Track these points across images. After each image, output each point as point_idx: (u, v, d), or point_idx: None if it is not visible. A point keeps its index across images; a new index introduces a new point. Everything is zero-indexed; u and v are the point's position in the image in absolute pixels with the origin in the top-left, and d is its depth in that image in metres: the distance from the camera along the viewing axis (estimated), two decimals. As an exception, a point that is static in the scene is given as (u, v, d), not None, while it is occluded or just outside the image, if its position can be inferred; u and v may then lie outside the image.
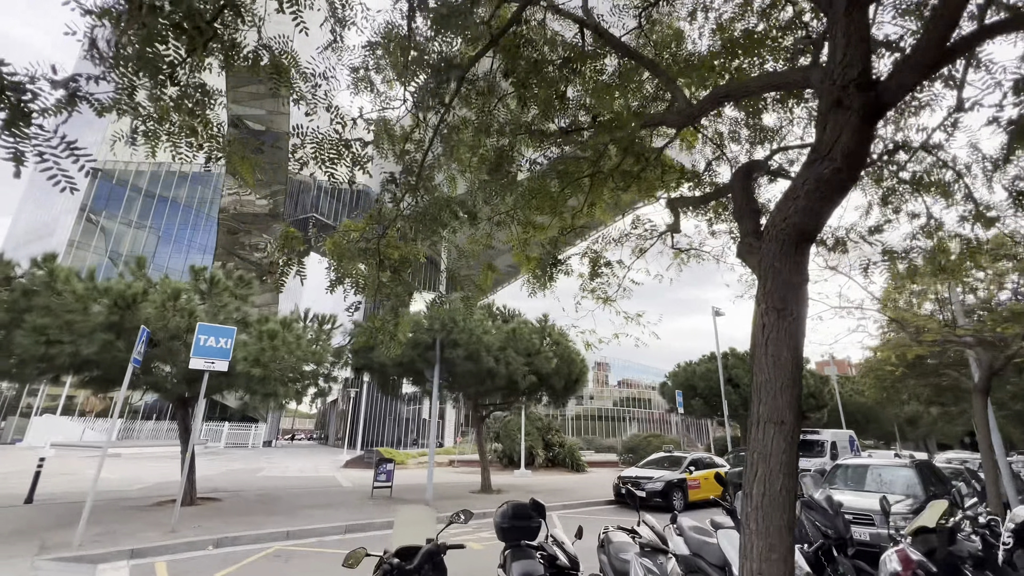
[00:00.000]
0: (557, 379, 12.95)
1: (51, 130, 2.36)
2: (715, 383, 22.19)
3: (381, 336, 4.97)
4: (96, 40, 2.76)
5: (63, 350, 7.94)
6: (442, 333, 11.64)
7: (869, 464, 9.53)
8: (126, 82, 2.78)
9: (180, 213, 52.22)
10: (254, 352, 9.29)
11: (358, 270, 4.38)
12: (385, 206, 4.58)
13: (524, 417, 21.78)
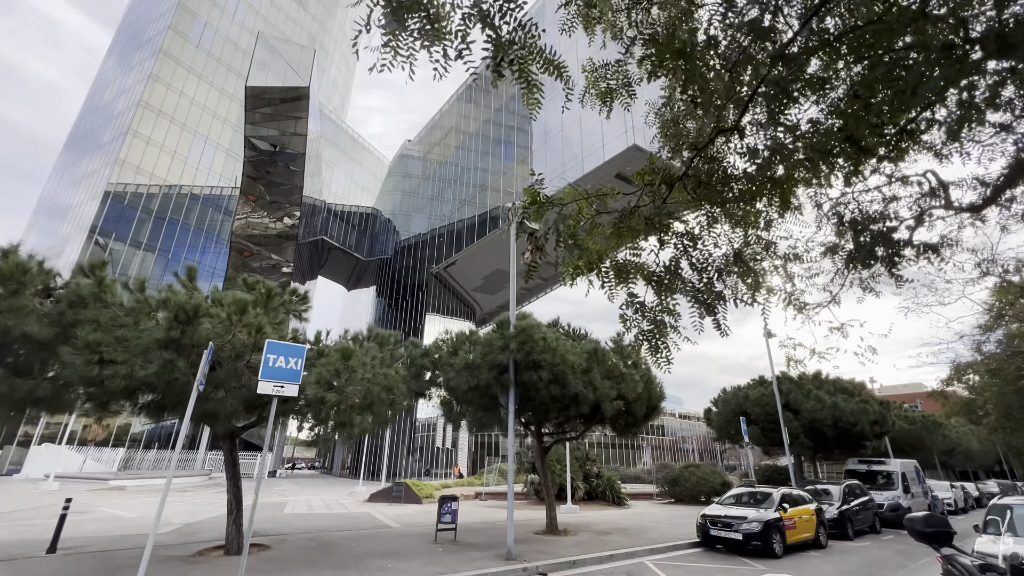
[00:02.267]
0: (640, 405, 11.69)
1: None
2: (771, 409, 20.84)
3: (655, 349, 3.68)
4: None
5: (117, 371, 6.73)
6: (519, 353, 10.43)
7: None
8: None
9: (190, 236, 51.28)
10: (327, 374, 8.07)
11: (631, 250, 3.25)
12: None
13: (567, 447, 20.33)
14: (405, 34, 2.20)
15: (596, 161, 31.68)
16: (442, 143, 58.69)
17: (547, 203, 3.10)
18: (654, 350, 3.19)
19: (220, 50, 54.13)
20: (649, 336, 3.14)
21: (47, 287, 7.97)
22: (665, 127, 3.48)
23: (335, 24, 74.15)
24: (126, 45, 58.15)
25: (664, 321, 3.18)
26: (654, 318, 3.12)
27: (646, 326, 3.17)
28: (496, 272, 49.95)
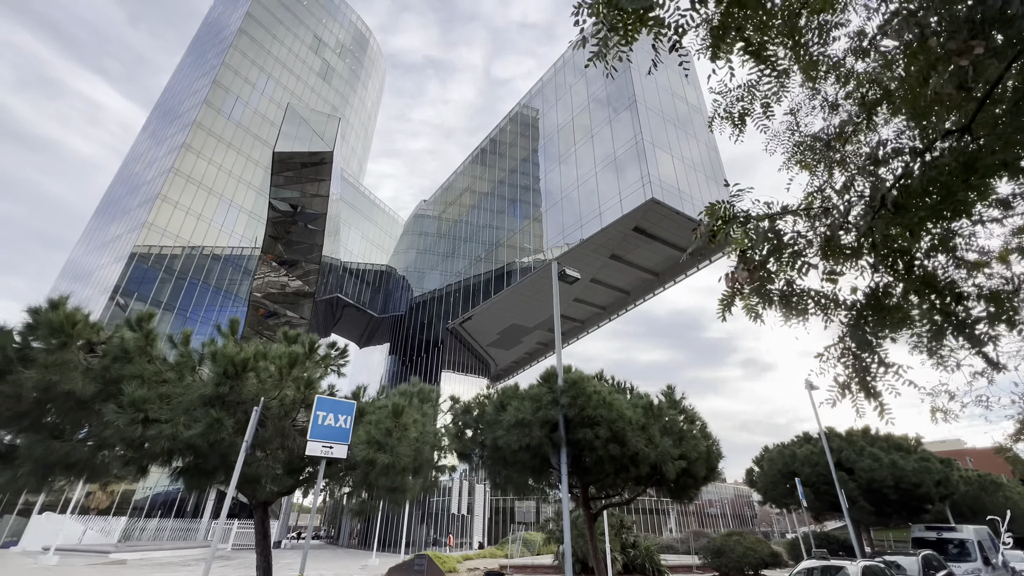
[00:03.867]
0: (700, 465, 10.76)
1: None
2: (822, 468, 19.38)
3: (871, 394, 3.09)
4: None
5: (161, 431, 6.23)
6: (571, 408, 9.77)
7: None
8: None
9: (209, 295, 51.87)
10: (377, 433, 7.46)
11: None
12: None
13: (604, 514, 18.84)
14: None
15: (614, 215, 32.06)
16: (456, 203, 60.37)
17: (740, 219, 2.77)
18: (871, 394, 2.69)
19: (249, 121, 57.46)
20: (858, 374, 2.66)
21: (90, 341, 7.65)
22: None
23: (355, 98, 79.10)
24: (160, 120, 62.06)
25: (880, 358, 2.71)
26: (872, 349, 2.65)
27: (851, 364, 2.69)
28: (512, 327, 49.43)
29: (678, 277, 39.32)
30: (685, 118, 37.80)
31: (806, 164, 3.71)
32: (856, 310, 2.73)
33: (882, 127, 3.56)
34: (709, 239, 2.86)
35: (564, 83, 45.72)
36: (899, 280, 2.62)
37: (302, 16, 70.55)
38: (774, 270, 2.83)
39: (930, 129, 2.56)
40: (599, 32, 2.42)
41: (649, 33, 2.40)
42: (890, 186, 2.34)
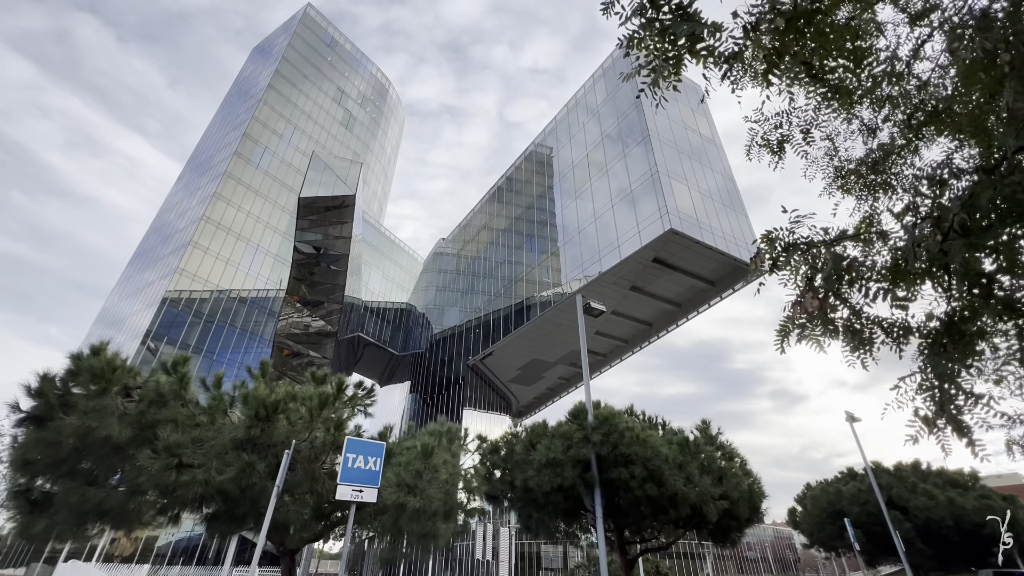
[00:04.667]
0: (743, 505, 10.16)
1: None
2: (872, 507, 18.11)
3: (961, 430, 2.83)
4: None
5: (195, 476, 6.18)
6: (603, 446, 9.42)
7: None
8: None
9: (235, 337, 52.95)
10: (407, 475, 7.27)
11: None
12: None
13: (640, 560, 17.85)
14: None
15: (633, 246, 32.02)
16: (474, 240, 61.28)
17: (801, 246, 2.68)
18: (961, 431, 2.46)
19: (276, 170, 60.23)
20: (943, 407, 2.45)
21: (127, 386, 7.78)
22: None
23: (376, 144, 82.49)
24: (193, 172, 65.55)
25: (966, 389, 2.49)
26: (955, 379, 2.45)
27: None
28: (532, 362, 48.85)
29: (701, 307, 38.63)
30: (699, 149, 38.16)
31: (848, 188, 3.63)
32: (932, 337, 2.57)
33: (926, 148, 3.49)
34: (771, 268, 2.77)
35: (577, 122, 46.93)
36: (976, 304, 2.46)
37: (326, 71, 74.87)
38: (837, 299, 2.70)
39: (997, 146, 2.48)
40: (651, 63, 2.45)
41: (699, 63, 2.44)
42: (959, 206, 2.24)
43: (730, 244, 32.40)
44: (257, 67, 72.50)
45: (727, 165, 39.49)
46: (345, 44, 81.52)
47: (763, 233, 2.77)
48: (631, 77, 2.80)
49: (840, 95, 2.88)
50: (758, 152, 3.45)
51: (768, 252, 2.79)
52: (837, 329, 2.81)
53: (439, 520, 7.23)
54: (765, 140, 3.43)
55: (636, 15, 2.28)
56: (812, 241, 2.70)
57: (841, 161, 3.66)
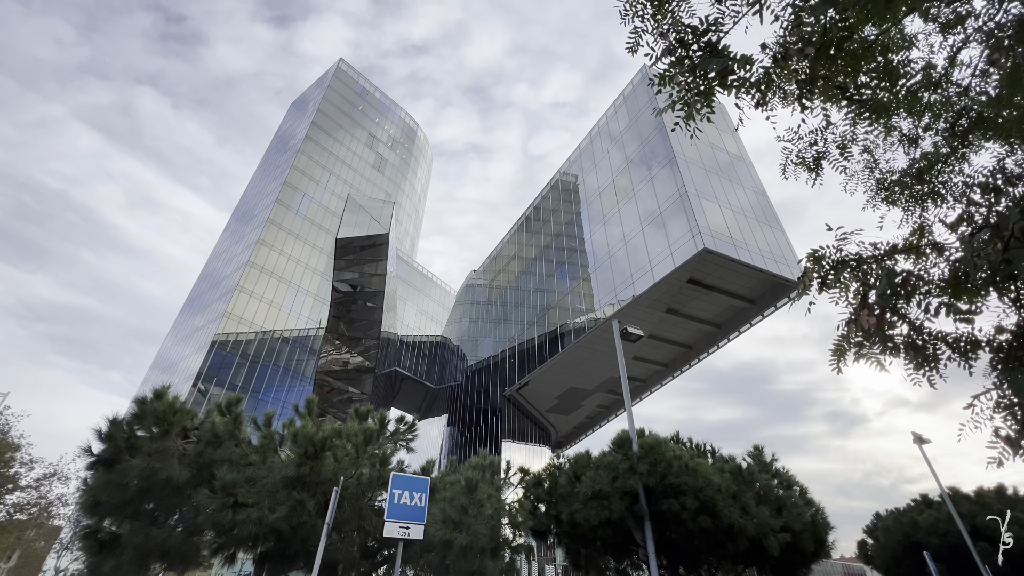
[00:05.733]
0: (807, 538, 9.48)
1: None
2: (955, 539, 16.50)
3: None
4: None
5: (249, 515, 6.34)
6: (651, 476, 9.08)
7: None
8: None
9: (279, 376, 54.68)
10: (452, 511, 7.22)
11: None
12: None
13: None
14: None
15: (666, 268, 31.52)
16: (505, 270, 61.83)
17: (851, 262, 2.63)
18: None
19: (314, 214, 63.30)
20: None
21: (185, 428, 8.15)
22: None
23: (407, 183, 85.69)
24: (238, 221, 69.67)
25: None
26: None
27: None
28: (570, 390, 47.99)
29: (742, 327, 37.28)
30: (727, 167, 37.73)
31: (893, 200, 3.54)
32: (1005, 351, 2.41)
33: (974, 155, 3.38)
34: (819, 288, 2.71)
35: (600, 149, 47.45)
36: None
37: (358, 118, 79.12)
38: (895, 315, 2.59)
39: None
40: (683, 97, 2.53)
41: (729, 94, 2.50)
42: (1019, 213, 2.15)
43: (768, 260, 31.44)
44: (295, 120, 77.47)
45: (758, 181, 38.78)
46: (375, 92, 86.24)
47: (809, 252, 2.72)
48: (663, 112, 2.88)
49: (876, 110, 2.86)
50: (794, 171, 3.43)
51: (816, 271, 2.73)
52: (897, 346, 2.68)
53: (486, 557, 7.08)
54: (800, 158, 3.41)
55: (666, 55, 2.38)
56: (862, 257, 2.62)
57: (883, 173, 3.59)
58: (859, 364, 2.66)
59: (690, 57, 2.36)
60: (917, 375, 2.74)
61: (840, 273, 2.64)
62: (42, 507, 36.96)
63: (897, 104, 3.35)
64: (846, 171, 3.45)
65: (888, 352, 2.68)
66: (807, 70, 2.38)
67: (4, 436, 33.56)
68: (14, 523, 37.31)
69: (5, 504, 34.53)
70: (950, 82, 3.42)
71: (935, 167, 3.21)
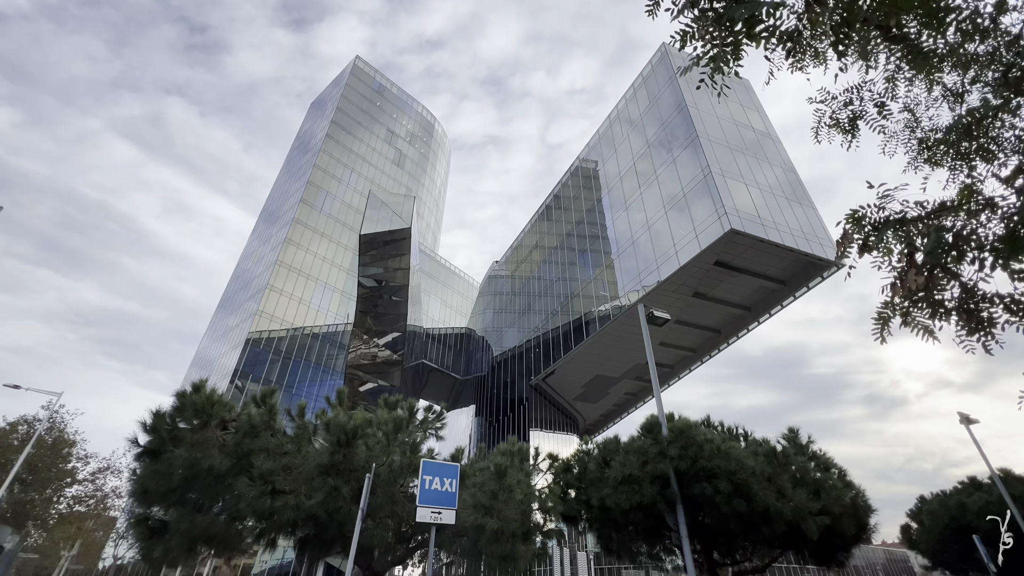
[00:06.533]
0: (847, 521, 9.21)
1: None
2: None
3: None
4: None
5: (287, 501, 6.57)
6: (682, 460, 8.94)
7: None
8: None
9: (310, 371, 56.28)
10: (483, 496, 7.29)
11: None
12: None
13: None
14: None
15: (691, 251, 30.84)
16: (527, 260, 61.69)
17: (895, 222, 2.48)
18: None
19: (338, 212, 64.42)
20: None
21: (224, 419, 8.45)
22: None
23: (426, 178, 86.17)
24: (265, 223, 71.50)
25: None
26: None
27: None
28: (596, 378, 47.78)
29: (772, 309, 36.26)
30: (754, 144, 36.49)
31: (937, 161, 3.31)
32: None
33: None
34: (860, 251, 2.55)
35: (620, 133, 46.55)
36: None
37: (376, 115, 79.78)
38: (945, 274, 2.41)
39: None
40: (708, 52, 2.41)
41: (758, 46, 2.35)
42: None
43: (799, 239, 30.38)
44: (314, 121, 78.66)
45: (786, 157, 37.40)
46: (392, 88, 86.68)
47: (848, 213, 2.55)
48: (688, 71, 2.75)
49: (917, 58, 2.65)
50: (828, 133, 3.24)
51: (856, 233, 2.57)
52: (948, 310, 2.50)
53: (518, 541, 7.14)
54: (835, 120, 3.22)
55: (688, 7, 2.26)
56: (906, 217, 2.45)
57: (925, 132, 3.36)
58: (905, 333, 2.50)
59: (714, 9, 2.23)
60: (970, 341, 2.55)
61: (883, 234, 2.47)
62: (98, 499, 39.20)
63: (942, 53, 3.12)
64: (884, 131, 3.24)
65: (938, 317, 2.52)
66: (843, 14, 2.21)
67: (61, 433, 35.61)
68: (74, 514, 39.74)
69: (65, 496, 36.72)
70: (999, 30, 3.17)
71: (984, 121, 2.98)
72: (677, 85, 38.34)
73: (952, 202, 2.49)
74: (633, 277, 37.40)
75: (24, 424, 33.41)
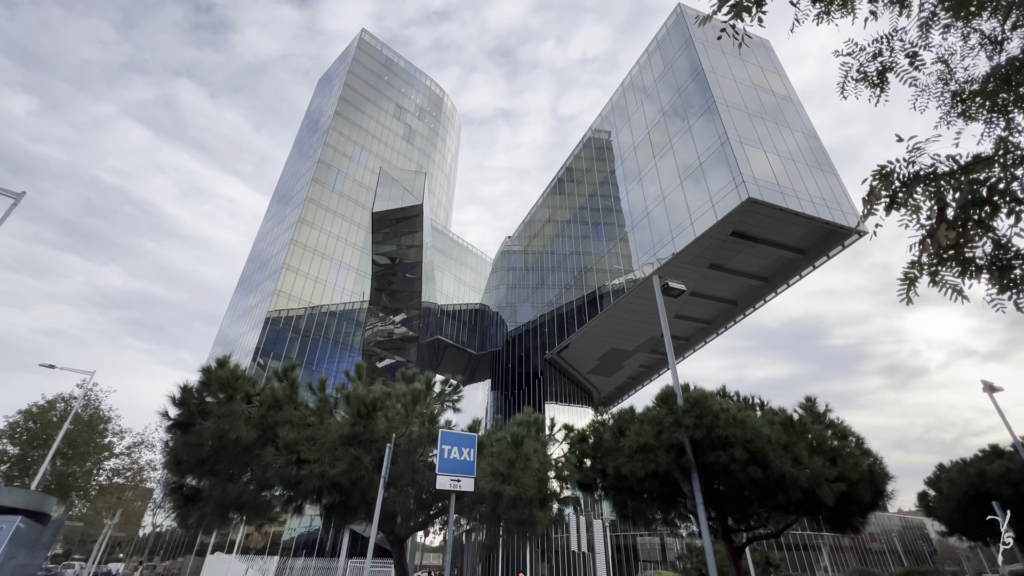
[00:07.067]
0: (864, 487, 9.24)
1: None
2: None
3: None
4: None
5: (312, 470, 6.83)
6: (697, 429, 9.00)
7: None
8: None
9: (329, 348, 57.51)
10: (500, 464, 7.47)
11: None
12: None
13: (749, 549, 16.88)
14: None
15: (707, 222, 30.26)
16: (540, 235, 61.29)
17: (926, 177, 2.38)
18: None
19: (350, 190, 64.48)
20: None
21: (248, 393, 8.73)
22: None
23: (437, 153, 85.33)
24: (279, 203, 71.99)
25: None
26: None
27: None
28: (611, 351, 47.93)
29: (791, 279, 35.64)
30: (774, 110, 35.19)
31: (972, 114, 3.14)
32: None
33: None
34: (887, 208, 2.45)
35: (634, 101, 45.24)
36: None
37: (384, 90, 78.69)
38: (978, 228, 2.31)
39: None
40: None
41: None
42: None
43: (819, 207, 29.55)
44: (323, 98, 77.94)
45: (808, 122, 36.04)
46: (399, 62, 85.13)
47: (875, 168, 2.44)
48: (708, 20, 2.62)
49: (955, 2, 2.49)
50: (855, 88, 3.08)
51: (883, 189, 2.46)
52: (979, 267, 2.40)
53: (535, 507, 7.35)
54: (862, 73, 3.06)
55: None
56: (937, 172, 2.33)
57: (959, 84, 3.18)
58: (928, 302, 2.43)
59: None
60: (1001, 299, 2.47)
61: (912, 189, 2.36)
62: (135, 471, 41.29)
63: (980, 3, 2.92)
64: (915, 84, 3.06)
65: (968, 275, 2.42)
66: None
67: (96, 410, 37.26)
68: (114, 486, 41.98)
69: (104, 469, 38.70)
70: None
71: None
72: (693, 48, 36.89)
73: (986, 156, 2.36)
74: (648, 250, 36.96)
75: (61, 402, 35.08)
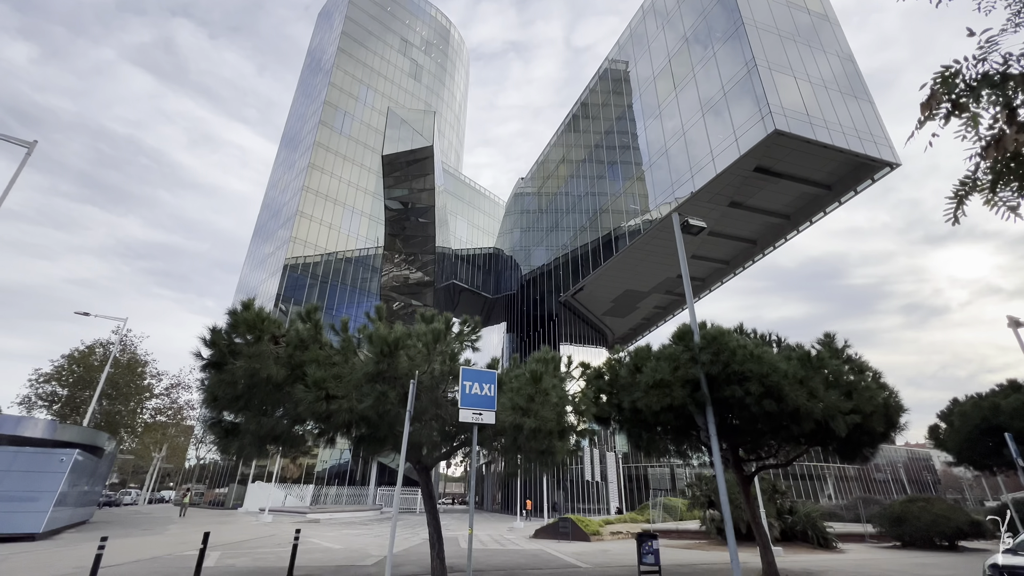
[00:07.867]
0: (877, 419, 9.40)
1: None
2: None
3: None
4: None
5: (340, 405, 7.20)
6: (713, 366, 9.10)
7: None
8: None
9: (347, 294, 58.71)
10: (520, 399, 7.74)
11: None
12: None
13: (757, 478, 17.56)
14: None
15: (730, 157, 28.97)
16: (553, 176, 59.68)
17: (995, 78, 2.16)
18: None
19: (358, 132, 62.88)
20: None
21: (274, 335, 9.02)
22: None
23: (445, 91, 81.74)
24: (287, 149, 70.71)
25: None
26: None
27: None
28: (625, 293, 48.00)
29: (814, 216, 34.49)
30: (808, 31, 32.45)
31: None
32: None
33: None
34: (947, 115, 2.23)
35: (654, 27, 42.04)
36: None
37: (388, 22, 74.37)
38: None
39: None
40: None
41: None
42: None
43: (851, 138, 27.92)
44: (324, 34, 74.14)
45: (845, 45, 33.26)
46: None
47: (937, 71, 2.19)
48: None
49: None
50: None
51: (945, 93, 2.22)
52: (1043, 181, 2.21)
53: (554, 438, 7.69)
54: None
55: None
56: (1008, 73, 2.07)
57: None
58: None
59: None
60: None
61: (979, 91, 2.12)
62: (175, 410, 44.10)
63: None
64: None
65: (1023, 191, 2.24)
66: None
67: (133, 355, 39.23)
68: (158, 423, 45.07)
69: (147, 408, 41.42)
70: None
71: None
72: (722, -38, 33.59)
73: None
74: (665, 189, 35.83)
75: (100, 347, 37.05)
